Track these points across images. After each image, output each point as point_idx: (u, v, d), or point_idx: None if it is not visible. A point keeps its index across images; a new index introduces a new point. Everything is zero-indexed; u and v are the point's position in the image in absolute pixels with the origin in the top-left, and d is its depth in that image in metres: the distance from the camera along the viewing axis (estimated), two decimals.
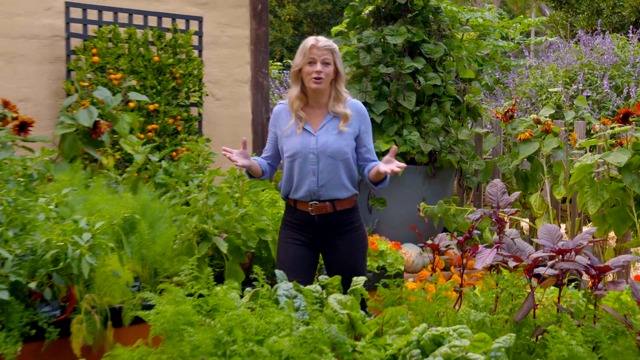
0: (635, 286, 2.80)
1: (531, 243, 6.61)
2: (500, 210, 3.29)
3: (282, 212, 4.71)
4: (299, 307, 2.79)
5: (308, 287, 2.89)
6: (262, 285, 3.00)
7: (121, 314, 3.76)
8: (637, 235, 5.79)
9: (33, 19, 6.63)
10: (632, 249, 6.05)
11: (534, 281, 3.05)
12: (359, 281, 2.91)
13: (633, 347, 2.72)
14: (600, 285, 2.91)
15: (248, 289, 3.03)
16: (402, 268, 4.74)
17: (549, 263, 2.97)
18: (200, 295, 2.94)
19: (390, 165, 3.84)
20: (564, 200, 7.02)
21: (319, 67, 3.90)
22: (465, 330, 2.30)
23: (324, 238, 4.09)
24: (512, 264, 2.98)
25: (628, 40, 11.24)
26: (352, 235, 4.13)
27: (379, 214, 6.83)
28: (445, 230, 7.15)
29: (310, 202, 4.03)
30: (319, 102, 4.09)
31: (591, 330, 2.75)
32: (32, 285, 3.39)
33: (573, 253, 2.90)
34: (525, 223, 7.30)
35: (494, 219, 3.28)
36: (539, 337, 2.89)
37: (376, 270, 4.61)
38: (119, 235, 3.77)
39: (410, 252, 6.48)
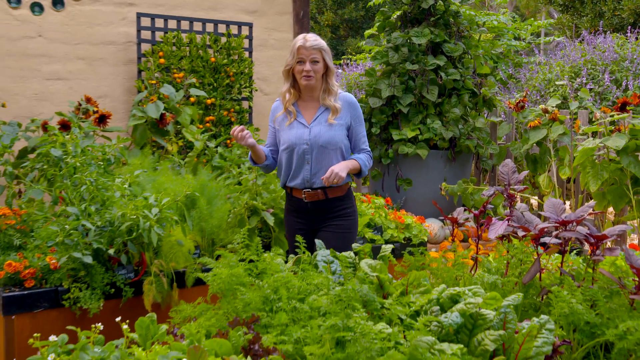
0: (629, 252, 2.78)
1: (539, 217, 6.57)
2: (511, 187, 3.28)
3: None
4: (335, 271, 2.82)
5: (343, 253, 2.91)
6: (304, 252, 3.04)
7: (184, 276, 3.84)
8: (633, 210, 5.75)
9: (110, 28, 6.73)
10: (628, 222, 5.99)
11: (540, 249, 3.04)
12: (387, 248, 2.93)
13: (626, 305, 2.71)
14: (598, 252, 2.89)
15: (291, 255, 3.07)
16: (426, 239, 4.74)
17: (554, 233, 2.96)
18: (251, 261, 2.99)
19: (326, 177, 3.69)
20: (568, 180, 6.96)
21: (307, 66, 3.73)
22: (479, 290, 2.32)
23: (316, 223, 3.94)
24: (521, 233, 2.97)
25: (627, 39, 11.12)
26: (342, 220, 3.95)
27: (406, 193, 6.83)
28: (463, 206, 7.11)
29: (304, 190, 3.88)
30: (312, 95, 3.92)
31: (589, 291, 2.74)
32: (111, 251, 3.48)
33: (575, 224, 2.89)
34: (534, 200, 7.25)
35: (505, 195, 3.27)
36: (544, 297, 2.89)
37: (402, 241, 4.62)
38: (182, 210, 3.84)
39: (433, 225, 6.48)
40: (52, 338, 2.46)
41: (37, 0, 6.46)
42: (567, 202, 7.17)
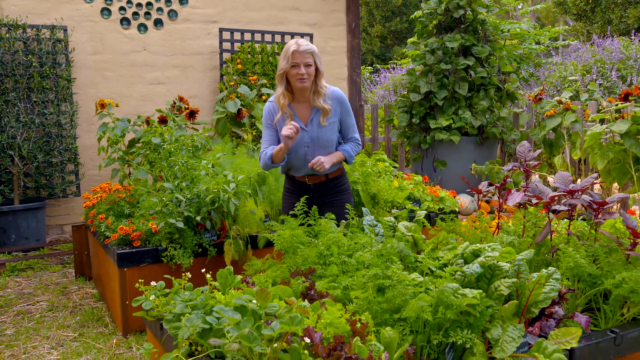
0: (625, 215, 2.70)
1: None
2: (527, 163, 3.22)
3: (369, 169, 4.73)
4: (378, 233, 2.83)
5: (384, 217, 2.91)
6: (352, 218, 3.05)
7: (256, 239, 3.90)
8: (635, 185, 5.58)
9: (199, 41, 6.84)
10: (630, 195, 5.85)
11: (552, 215, 2.98)
12: (421, 214, 2.91)
13: (622, 260, 2.65)
14: (600, 216, 2.81)
15: (343, 221, 3.09)
16: (457, 209, 4.69)
17: (562, 201, 2.89)
18: (309, 225, 3.02)
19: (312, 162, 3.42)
20: (579, 160, 6.76)
21: (302, 69, 3.33)
22: (497, 246, 2.29)
23: (319, 200, 3.63)
24: (534, 201, 2.91)
25: (631, 42, 10.82)
26: (341, 195, 3.69)
27: (441, 172, 6.75)
28: (490, 184, 7.00)
29: (307, 176, 3.62)
30: (304, 96, 3.49)
31: (591, 248, 2.68)
32: (198, 218, 3.56)
33: (580, 193, 2.82)
34: (550, 178, 7.07)
35: (522, 169, 3.21)
36: (554, 254, 2.83)
37: (437, 211, 4.58)
38: (254, 186, 3.91)
39: (464, 199, 6.39)
40: (153, 284, 2.55)
41: (143, 22, 6.61)
42: (579, 180, 6.97)
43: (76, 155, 6.25)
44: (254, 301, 2.07)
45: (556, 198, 2.88)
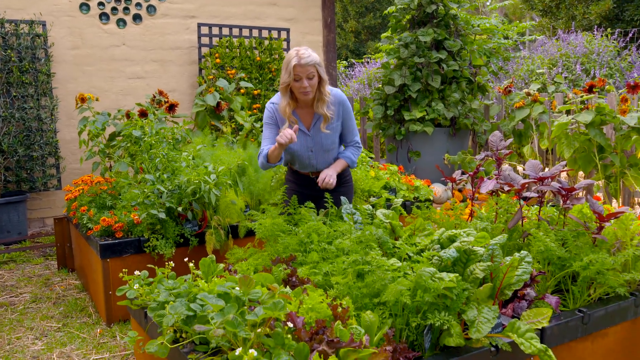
0: (592, 200, 2.75)
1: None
2: (499, 151, 3.24)
3: None
4: (357, 220, 2.83)
5: (363, 205, 2.92)
6: (331, 206, 3.05)
7: (237, 229, 3.88)
8: (599, 172, 5.67)
9: (177, 36, 6.76)
10: (595, 182, 5.96)
11: (522, 202, 3.01)
12: (398, 201, 2.92)
13: (589, 243, 2.69)
14: (568, 202, 2.85)
15: (322, 209, 3.09)
16: (431, 198, 4.71)
17: (533, 188, 2.92)
18: (289, 214, 3.02)
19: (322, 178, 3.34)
20: (547, 150, 6.85)
21: (305, 83, 3.17)
22: (472, 232, 2.31)
23: (322, 191, 3.45)
24: (507, 188, 2.94)
25: (594, 37, 10.97)
26: (343, 187, 3.58)
27: (415, 163, 6.78)
28: (463, 173, 7.05)
29: (311, 172, 3.54)
30: (307, 103, 3.35)
31: (561, 232, 2.71)
32: (179, 209, 3.53)
33: (550, 180, 2.85)
34: (520, 167, 7.14)
35: (494, 158, 3.24)
36: (525, 239, 2.86)
37: (412, 200, 4.60)
38: (235, 177, 3.88)
39: (437, 188, 6.42)
40: (137, 273, 2.52)
41: (122, 17, 6.51)
42: (547, 168, 7.07)
43: (57, 149, 6.15)
44: (237, 288, 2.06)
45: (527, 185, 2.91)
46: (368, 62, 14.34)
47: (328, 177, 3.33)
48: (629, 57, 10.56)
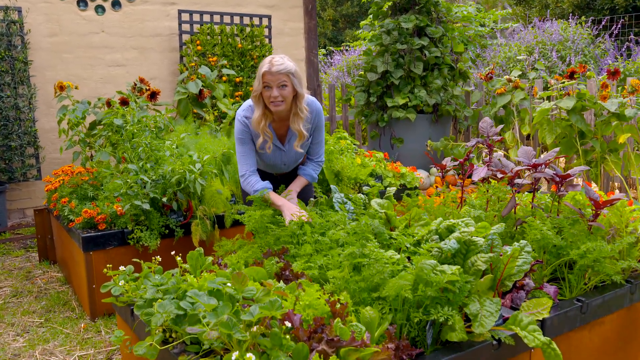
0: (587, 187, 2.65)
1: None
2: (490, 138, 3.13)
3: (331, 147, 4.56)
4: (349, 210, 2.70)
5: (356, 194, 2.78)
6: (321, 196, 2.91)
7: (223, 219, 3.71)
8: (580, 158, 5.63)
9: (157, 22, 6.52)
10: (588, 167, 5.92)
11: (514, 189, 2.91)
12: (391, 190, 2.79)
13: (585, 230, 2.59)
14: (562, 189, 2.75)
15: (311, 199, 2.95)
16: (418, 185, 4.60)
17: (526, 174, 2.82)
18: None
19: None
20: (528, 136, 6.79)
21: (275, 92, 2.81)
22: (470, 221, 2.19)
23: (280, 184, 3.25)
24: (500, 175, 2.83)
25: (569, 24, 10.92)
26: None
27: (399, 149, 6.67)
28: (453, 159, 6.97)
29: (275, 172, 3.35)
30: (282, 116, 3.00)
31: (556, 220, 2.61)
32: (164, 199, 3.35)
33: (544, 166, 2.75)
34: (501, 153, 7.07)
35: (485, 145, 3.13)
36: (519, 227, 2.76)
37: (399, 187, 4.48)
38: (220, 165, 3.70)
39: (421, 174, 6.33)
40: (122, 268, 2.36)
41: (100, 3, 6.25)
42: None
43: (36, 139, 5.90)
44: (229, 284, 1.91)
45: (520, 172, 2.80)
46: (347, 50, 14.16)
47: (296, 211, 2.78)
48: (602, 44, 10.57)
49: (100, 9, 6.26)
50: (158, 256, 2.41)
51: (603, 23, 12.22)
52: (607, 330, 2.48)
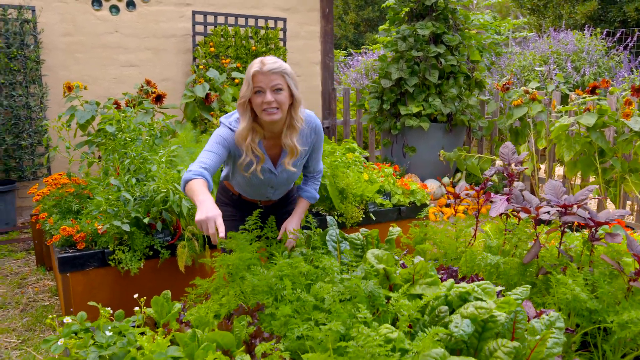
0: (630, 238, 2.04)
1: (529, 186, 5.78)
2: (511, 167, 2.54)
3: (338, 159, 3.99)
4: (344, 250, 2.14)
5: (352, 235, 2.22)
6: (314, 230, 2.35)
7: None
8: (599, 177, 4.98)
9: (171, 23, 5.99)
10: (630, 212, 5.31)
11: (539, 227, 2.32)
12: (394, 232, 2.22)
13: (623, 288, 1.99)
14: (597, 235, 2.16)
15: (304, 231, 2.38)
16: (428, 202, 3.99)
17: (552, 212, 2.22)
18: (267, 237, 2.32)
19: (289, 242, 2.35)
20: (543, 149, 6.13)
21: (268, 96, 2.11)
22: (489, 286, 1.61)
23: (266, 214, 2.53)
24: (523, 215, 2.24)
25: (584, 35, 10.18)
26: (290, 207, 2.61)
27: (411, 158, 6.08)
28: (457, 170, 6.35)
29: (260, 201, 2.56)
30: (273, 131, 2.26)
31: (591, 276, 2.02)
32: (145, 220, 2.81)
33: (576, 207, 2.15)
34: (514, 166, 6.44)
35: (505, 174, 2.54)
36: (541, 275, 2.18)
37: (408, 204, 3.90)
38: (214, 180, 3.15)
39: (432, 185, 5.74)
40: (67, 320, 1.84)
41: (115, 3, 5.74)
42: (542, 166, 6.36)
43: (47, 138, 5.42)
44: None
45: (546, 212, 2.21)
46: (366, 53, 13.54)
47: (292, 236, 2.36)
48: (615, 56, 9.83)
49: (114, 9, 5.74)
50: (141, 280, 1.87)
51: (618, 35, 11.43)
52: None
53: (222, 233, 1.85)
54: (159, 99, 4.52)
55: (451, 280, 1.64)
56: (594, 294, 1.99)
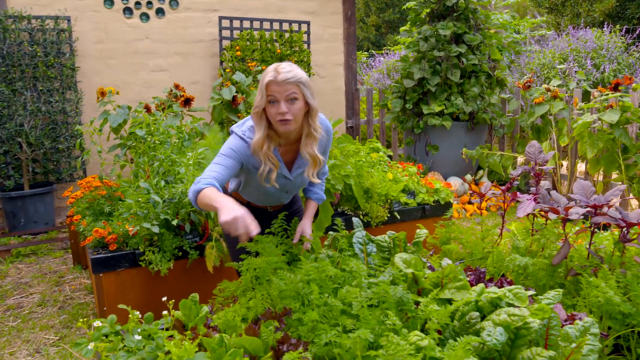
0: None
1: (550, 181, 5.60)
2: (538, 166, 2.42)
3: (362, 159, 3.91)
4: (370, 253, 2.06)
5: (378, 237, 2.13)
6: (340, 232, 2.27)
7: None
8: (622, 174, 4.79)
9: (199, 29, 5.97)
10: (616, 183, 5.07)
11: (568, 227, 2.20)
12: (421, 234, 2.13)
13: None
14: (627, 235, 2.03)
15: (331, 233, 2.31)
16: (451, 201, 3.87)
17: (582, 211, 2.10)
18: (283, 243, 2.25)
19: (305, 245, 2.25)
20: (565, 146, 5.94)
21: (283, 107, 1.97)
22: (520, 291, 1.52)
23: (274, 217, 2.36)
24: (552, 216, 2.13)
25: (603, 33, 9.86)
26: (294, 206, 2.51)
27: (434, 156, 5.95)
28: (479, 167, 6.20)
29: (270, 206, 2.43)
30: (290, 139, 2.14)
31: (623, 278, 1.90)
32: (174, 222, 2.77)
33: (606, 208, 2.03)
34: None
35: (532, 174, 2.42)
36: (571, 275, 2.06)
37: (432, 203, 3.79)
38: None
39: (455, 182, 5.61)
40: (97, 324, 1.80)
41: (145, 11, 5.74)
42: (565, 162, 6.15)
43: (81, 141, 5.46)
44: None
45: (575, 213, 2.09)
46: (387, 54, 13.40)
47: (307, 236, 2.27)
48: (635, 53, 9.50)
49: (144, 17, 5.75)
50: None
51: (638, 32, 11.06)
52: None
53: (254, 231, 1.70)
54: (187, 102, 4.49)
55: (481, 285, 1.55)
56: (627, 296, 1.87)
